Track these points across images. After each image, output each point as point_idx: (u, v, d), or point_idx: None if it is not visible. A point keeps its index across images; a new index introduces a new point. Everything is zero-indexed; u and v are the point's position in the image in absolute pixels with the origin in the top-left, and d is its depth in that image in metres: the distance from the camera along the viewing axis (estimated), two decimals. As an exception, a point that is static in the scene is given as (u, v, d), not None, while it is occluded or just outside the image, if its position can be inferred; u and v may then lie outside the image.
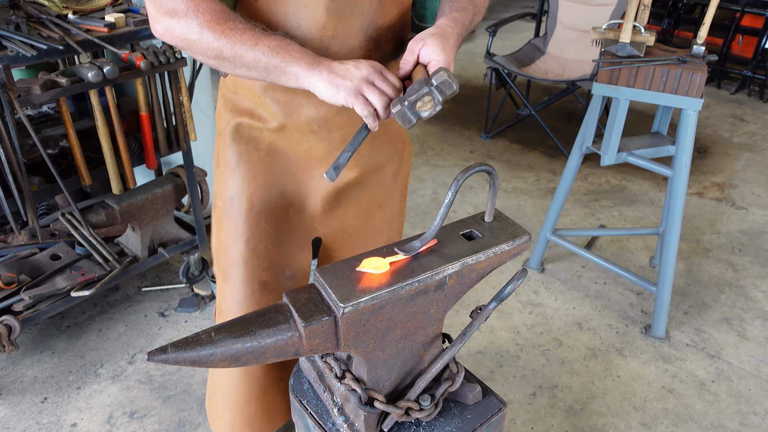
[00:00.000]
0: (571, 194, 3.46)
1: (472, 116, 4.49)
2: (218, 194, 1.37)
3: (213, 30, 1.02)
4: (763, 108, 4.60)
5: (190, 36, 1.04)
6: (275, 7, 1.12)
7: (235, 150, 1.30)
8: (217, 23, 1.02)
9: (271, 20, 1.13)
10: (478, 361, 2.33)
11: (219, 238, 1.39)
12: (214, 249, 1.43)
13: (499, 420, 1.13)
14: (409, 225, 3.19)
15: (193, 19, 1.02)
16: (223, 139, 1.32)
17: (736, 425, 2.08)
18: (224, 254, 1.37)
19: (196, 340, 0.89)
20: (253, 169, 1.30)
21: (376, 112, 1.03)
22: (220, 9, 1.04)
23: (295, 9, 1.11)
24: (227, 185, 1.33)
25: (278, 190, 1.33)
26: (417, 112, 1.01)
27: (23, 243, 2.33)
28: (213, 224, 1.43)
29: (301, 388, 1.16)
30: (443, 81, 1.00)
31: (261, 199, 1.32)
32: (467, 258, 1.00)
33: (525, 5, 7.48)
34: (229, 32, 1.02)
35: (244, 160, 1.30)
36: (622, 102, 2.18)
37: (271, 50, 1.02)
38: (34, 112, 2.57)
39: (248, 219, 1.32)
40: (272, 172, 1.32)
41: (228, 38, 1.02)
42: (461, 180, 0.97)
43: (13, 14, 2.09)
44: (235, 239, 1.34)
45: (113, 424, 2.08)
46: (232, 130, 1.30)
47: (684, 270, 2.85)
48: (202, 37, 1.03)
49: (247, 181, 1.30)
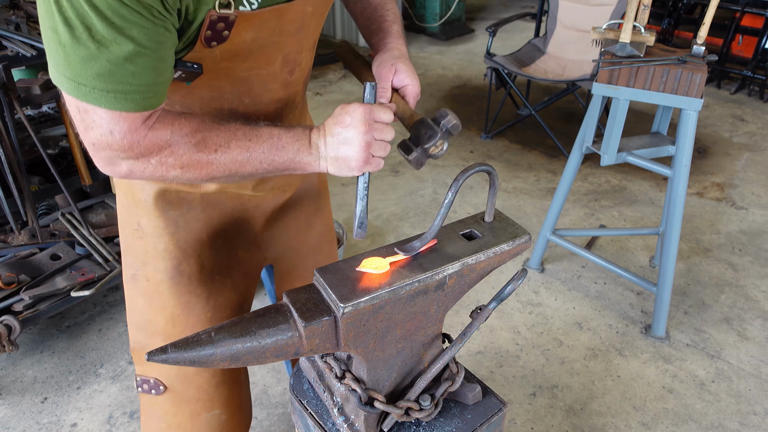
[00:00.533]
0: (571, 194, 3.46)
1: (472, 116, 4.49)
2: (146, 265, 1.23)
3: (195, 164, 0.93)
4: (763, 108, 4.60)
5: (168, 174, 0.94)
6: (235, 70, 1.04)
7: (166, 219, 1.19)
8: (196, 149, 0.92)
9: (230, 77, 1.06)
10: (478, 361, 2.33)
11: (162, 311, 1.25)
12: (147, 330, 1.28)
13: (499, 420, 1.13)
14: (409, 225, 3.19)
15: (168, 158, 0.92)
16: (143, 210, 1.19)
17: (736, 425, 2.08)
18: (176, 327, 1.25)
19: (196, 340, 0.89)
20: (194, 230, 1.22)
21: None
22: (193, 129, 0.93)
23: (256, 80, 1.06)
24: (165, 256, 1.21)
25: (222, 239, 1.26)
26: (430, 155, 1.04)
27: (23, 243, 2.33)
28: (139, 300, 1.26)
29: (301, 388, 1.16)
30: (453, 125, 1.03)
31: (209, 255, 1.25)
32: (467, 258, 1.00)
33: (525, 5, 7.48)
34: (214, 154, 0.93)
35: (181, 224, 1.20)
36: (622, 102, 2.18)
37: (267, 158, 0.96)
38: (34, 112, 2.57)
39: (202, 280, 1.25)
40: (212, 223, 1.24)
41: (216, 164, 0.94)
42: (461, 180, 0.97)
43: (13, 14, 2.09)
44: (191, 307, 1.25)
45: (113, 424, 2.08)
46: (155, 197, 1.17)
47: (684, 270, 2.85)
48: (184, 175, 0.95)
49: (191, 243, 1.22)
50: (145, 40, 0.81)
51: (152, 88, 0.85)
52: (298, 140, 0.98)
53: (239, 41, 0.96)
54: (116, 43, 0.79)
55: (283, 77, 1.10)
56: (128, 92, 0.83)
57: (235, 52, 0.98)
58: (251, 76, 1.05)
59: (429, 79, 5.18)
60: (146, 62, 0.83)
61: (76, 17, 0.77)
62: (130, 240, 1.25)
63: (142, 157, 0.91)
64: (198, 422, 1.35)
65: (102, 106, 0.83)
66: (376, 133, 0.97)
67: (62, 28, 0.78)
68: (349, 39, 6.08)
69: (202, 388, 1.32)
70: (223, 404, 1.36)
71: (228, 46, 0.95)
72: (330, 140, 0.98)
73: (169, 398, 1.32)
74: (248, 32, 0.95)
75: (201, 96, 1.05)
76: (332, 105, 4.59)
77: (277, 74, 1.08)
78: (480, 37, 6.33)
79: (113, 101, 0.83)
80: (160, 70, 0.86)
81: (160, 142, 0.90)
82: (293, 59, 1.09)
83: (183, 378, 1.30)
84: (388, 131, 0.99)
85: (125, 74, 0.81)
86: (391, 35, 1.19)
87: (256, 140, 0.95)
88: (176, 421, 1.34)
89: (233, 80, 1.04)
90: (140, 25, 0.79)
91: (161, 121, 0.91)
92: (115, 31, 0.78)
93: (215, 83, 1.03)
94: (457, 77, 5.25)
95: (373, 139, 0.97)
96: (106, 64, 0.80)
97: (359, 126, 0.95)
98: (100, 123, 0.85)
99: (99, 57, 0.79)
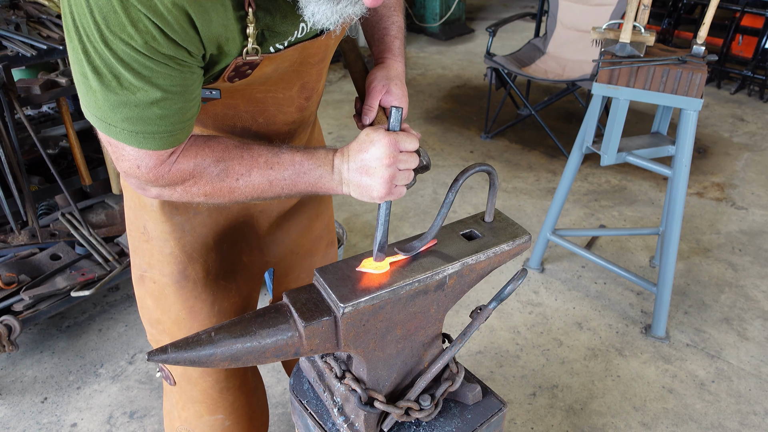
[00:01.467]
0: (571, 194, 3.46)
1: (472, 116, 4.49)
2: (152, 268, 1.24)
3: (221, 189, 0.95)
4: (763, 108, 4.60)
5: (194, 200, 0.97)
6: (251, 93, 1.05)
7: (173, 224, 1.19)
8: (224, 176, 0.94)
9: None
10: (478, 361, 2.33)
11: (168, 314, 1.28)
12: (157, 328, 1.31)
13: (499, 420, 1.13)
14: (409, 225, 3.19)
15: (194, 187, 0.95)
16: (149, 214, 1.20)
17: (736, 425, 2.08)
18: (181, 330, 1.27)
19: (196, 340, 0.89)
20: (201, 236, 1.22)
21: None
22: (216, 159, 0.94)
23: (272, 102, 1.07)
24: (171, 260, 1.22)
25: (228, 243, 1.27)
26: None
27: (23, 243, 2.33)
28: (148, 300, 1.29)
29: (301, 388, 1.16)
30: (422, 167, 1.02)
31: (215, 260, 1.25)
32: (467, 258, 1.00)
33: (525, 5, 7.48)
34: (236, 183, 0.95)
35: (188, 230, 1.21)
36: (622, 102, 2.18)
37: (289, 184, 0.96)
38: (34, 112, 2.57)
39: (207, 285, 1.25)
40: (218, 228, 1.24)
41: (239, 191, 0.96)
42: (461, 180, 0.97)
43: (13, 14, 2.09)
44: (196, 312, 1.26)
45: (113, 424, 2.08)
46: (161, 203, 1.18)
47: (684, 270, 2.85)
48: (208, 201, 0.97)
49: (197, 249, 1.22)
50: (171, 87, 0.83)
51: (178, 126, 0.88)
52: (320, 166, 0.96)
53: (260, 74, 0.96)
54: (143, 91, 0.81)
55: (299, 102, 1.10)
56: (155, 133, 0.86)
57: (253, 81, 0.98)
58: (267, 98, 1.05)
59: (429, 79, 5.18)
60: (173, 105, 0.85)
61: (104, 66, 0.79)
62: (137, 242, 1.26)
63: (168, 186, 0.94)
64: (201, 423, 1.37)
65: (130, 145, 0.86)
66: (401, 164, 0.94)
67: (91, 75, 0.80)
68: (349, 39, 6.08)
69: (205, 391, 1.33)
70: (227, 410, 1.37)
71: (250, 78, 0.96)
72: (353, 166, 0.95)
73: (178, 392, 1.35)
74: (270, 67, 0.96)
75: (215, 113, 1.06)
76: (332, 105, 4.59)
77: (294, 99, 1.09)
78: (480, 37, 6.33)
79: (141, 141, 0.86)
80: (186, 109, 0.88)
81: (183, 174, 0.93)
82: (311, 87, 1.10)
83: (188, 379, 1.32)
84: (412, 160, 0.96)
85: (153, 117, 0.84)
86: (391, 52, 1.18)
87: (278, 167, 0.95)
88: (184, 415, 1.38)
89: (249, 100, 1.04)
90: (166, 74, 0.81)
91: (185, 153, 0.93)
92: (142, 80, 0.80)
93: (230, 101, 1.04)
94: (457, 77, 5.25)
95: (397, 171, 0.94)
96: (135, 110, 0.82)
97: (383, 159, 0.92)
98: (128, 157, 0.89)
99: (128, 104, 0.82)
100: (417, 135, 0.98)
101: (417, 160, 0.97)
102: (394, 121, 0.94)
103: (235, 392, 1.37)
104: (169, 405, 1.43)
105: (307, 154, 0.97)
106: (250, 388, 1.43)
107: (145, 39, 0.77)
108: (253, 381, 1.46)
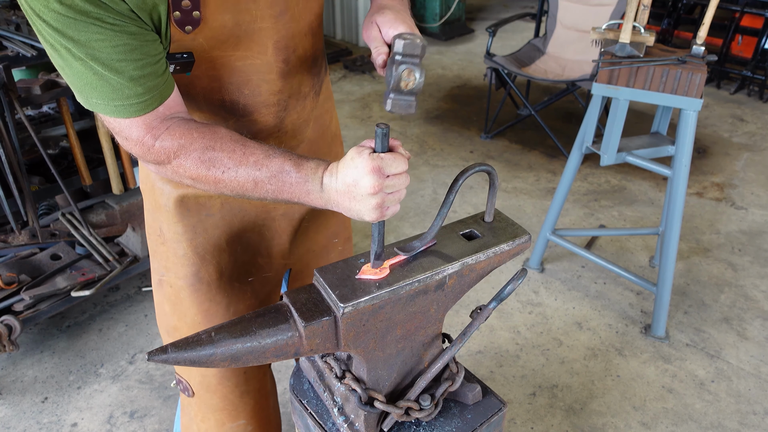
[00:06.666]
0: (571, 194, 3.46)
1: (472, 116, 4.49)
2: (169, 271, 1.24)
3: (208, 178, 0.95)
4: (762, 108, 4.60)
5: (184, 181, 0.98)
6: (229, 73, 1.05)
7: (185, 225, 1.19)
8: (211, 164, 0.93)
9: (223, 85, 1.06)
10: (478, 361, 2.34)
11: (184, 319, 1.27)
12: (174, 336, 1.31)
13: (499, 420, 1.13)
14: (409, 225, 3.19)
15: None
16: (164, 215, 1.20)
17: (735, 425, 2.08)
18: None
19: (196, 340, 0.89)
20: (213, 237, 1.21)
21: None
22: (204, 146, 0.94)
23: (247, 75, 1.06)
24: (184, 262, 1.21)
25: (242, 245, 1.25)
26: (408, 92, 0.89)
27: (23, 243, 2.33)
28: (166, 305, 1.29)
29: (301, 388, 1.16)
30: (405, 44, 0.87)
31: (228, 262, 1.24)
32: (467, 258, 1.00)
33: (525, 5, 7.48)
34: (221, 175, 0.94)
35: (200, 231, 1.20)
36: (622, 102, 2.18)
37: (273, 189, 0.94)
38: (34, 112, 2.57)
39: (221, 287, 1.25)
40: (232, 230, 1.23)
41: (224, 184, 0.95)
42: (461, 180, 0.97)
43: (13, 14, 2.09)
44: (211, 315, 1.25)
45: (113, 423, 2.08)
46: (175, 203, 1.18)
47: (684, 270, 2.85)
48: (196, 185, 0.97)
49: (210, 250, 1.22)
50: (114, 49, 0.84)
51: (145, 91, 0.89)
52: (308, 181, 0.92)
53: (218, 25, 0.95)
54: (90, 57, 0.83)
55: (278, 66, 1.08)
56: (124, 98, 0.88)
57: (221, 38, 0.97)
58: (246, 65, 1.04)
59: (429, 79, 5.18)
60: (127, 69, 0.86)
61: (53, 40, 0.83)
62: (155, 245, 1.26)
63: (160, 164, 0.96)
64: (224, 431, 1.35)
65: (110, 116, 0.91)
66: (388, 189, 0.88)
67: (51, 53, 0.86)
68: (349, 39, 6.09)
69: (226, 397, 1.32)
70: (249, 415, 1.36)
71: (208, 32, 0.95)
72: (341, 188, 0.90)
73: (197, 403, 1.34)
74: (224, 14, 0.94)
75: (203, 87, 1.06)
76: (332, 105, 4.59)
77: (272, 63, 1.07)
78: (480, 37, 6.33)
79: (115, 110, 0.89)
80: (145, 75, 0.89)
81: (167, 151, 0.94)
82: (284, 46, 1.07)
83: (207, 387, 1.31)
84: (401, 182, 0.90)
85: (116, 85, 0.87)
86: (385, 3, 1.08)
87: (265, 171, 0.92)
88: (204, 426, 1.36)
89: (230, 70, 1.04)
90: (101, 37, 0.83)
91: (171, 132, 0.93)
92: (81, 48, 0.83)
93: (213, 73, 1.04)
94: (457, 77, 5.25)
95: (385, 196, 0.89)
96: (94, 78, 0.85)
97: (368, 188, 0.87)
98: (116, 129, 0.94)
99: (87, 73, 0.85)
100: (406, 155, 0.91)
101: (407, 180, 0.91)
102: (379, 143, 0.88)
103: (255, 395, 1.36)
104: (187, 419, 1.40)
105: (298, 165, 0.93)
106: (267, 390, 1.42)
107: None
108: (270, 383, 1.45)
